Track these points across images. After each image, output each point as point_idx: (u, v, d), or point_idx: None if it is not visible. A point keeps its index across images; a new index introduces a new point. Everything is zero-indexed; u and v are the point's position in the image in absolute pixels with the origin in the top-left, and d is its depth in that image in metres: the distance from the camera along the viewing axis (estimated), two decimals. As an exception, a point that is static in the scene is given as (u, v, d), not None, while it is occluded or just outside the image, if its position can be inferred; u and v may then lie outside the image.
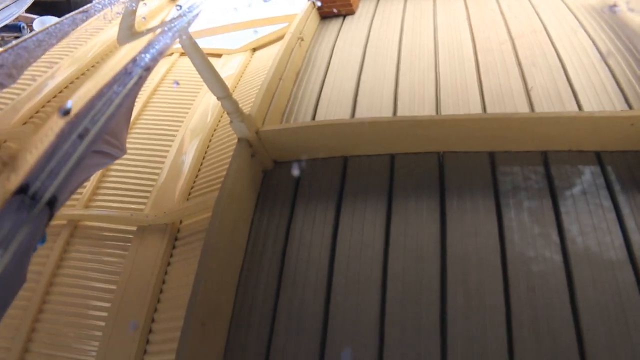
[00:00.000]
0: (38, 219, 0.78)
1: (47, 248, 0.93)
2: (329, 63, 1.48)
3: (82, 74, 1.29)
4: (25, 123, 1.12)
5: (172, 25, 1.41)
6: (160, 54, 1.32)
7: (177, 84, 1.28)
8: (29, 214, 0.79)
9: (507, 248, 0.81)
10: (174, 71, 1.52)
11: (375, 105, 1.22)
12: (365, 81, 1.34)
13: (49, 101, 1.23)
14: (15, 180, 0.96)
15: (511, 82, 1.24)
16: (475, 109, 1.17)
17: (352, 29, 1.75)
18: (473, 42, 1.45)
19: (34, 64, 1.32)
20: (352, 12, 1.92)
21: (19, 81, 1.26)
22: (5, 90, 1.21)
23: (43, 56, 1.35)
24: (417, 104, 1.20)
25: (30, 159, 1.02)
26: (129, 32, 1.50)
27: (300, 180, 0.97)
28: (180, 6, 1.41)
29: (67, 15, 1.52)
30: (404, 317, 0.73)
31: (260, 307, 0.73)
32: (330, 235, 0.84)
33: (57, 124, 1.12)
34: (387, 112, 1.18)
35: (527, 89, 1.20)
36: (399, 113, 1.17)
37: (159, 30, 1.42)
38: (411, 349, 0.70)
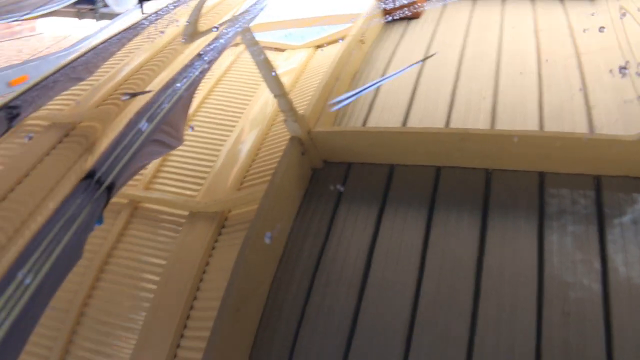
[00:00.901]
0: (98, 201, 0.86)
1: (109, 224, 1.00)
2: (387, 66, 1.49)
3: (152, 64, 1.37)
4: (99, 106, 1.19)
5: (237, 22, 1.47)
6: (223, 49, 1.39)
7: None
8: (92, 196, 0.87)
9: (545, 270, 0.81)
10: (239, 62, 1.58)
11: (428, 114, 1.23)
12: (422, 88, 1.35)
13: (121, 86, 1.30)
14: (91, 160, 1.05)
15: (573, 100, 1.21)
16: (532, 124, 1.15)
17: (416, 34, 1.75)
18: (538, 55, 1.43)
19: (111, 59, 1.40)
20: (417, 17, 1.92)
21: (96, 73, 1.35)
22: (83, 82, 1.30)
23: (119, 51, 1.43)
24: (472, 115, 1.20)
25: (102, 143, 1.10)
26: (194, 27, 1.57)
27: (347, 182, 1.00)
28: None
29: (140, 18, 1.60)
30: (433, 324, 0.75)
31: (292, 299, 0.77)
32: (370, 238, 0.87)
33: (127, 109, 1.20)
34: (440, 122, 1.19)
35: (588, 108, 1.18)
36: (452, 124, 1.18)
37: (224, 27, 1.49)
38: (437, 357, 0.72)
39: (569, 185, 0.97)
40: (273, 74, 1.14)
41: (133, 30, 1.43)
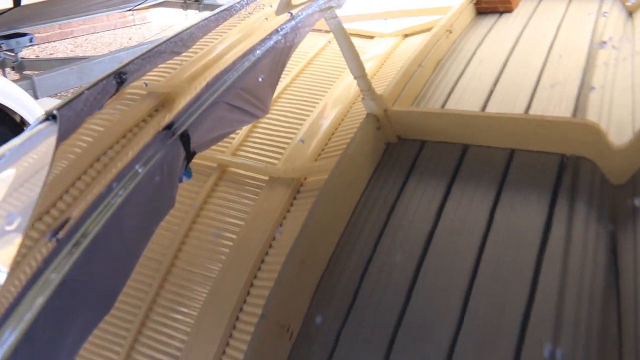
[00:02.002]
0: (173, 147, 0.99)
1: (198, 186, 1.11)
2: (472, 56, 1.50)
3: (240, 42, 1.47)
4: (189, 80, 1.32)
5: (319, 2, 1.55)
6: (303, 27, 1.48)
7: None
8: (167, 143, 1.02)
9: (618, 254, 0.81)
10: (329, 48, 1.65)
11: (509, 101, 1.24)
12: (506, 76, 1.35)
13: (210, 65, 1.41)
14: (168, 118, 1.19)
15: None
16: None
17: (506, 26, 1.74)
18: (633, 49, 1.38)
19: (205, 37, 1.54)
20: (510, 10, 1.90)
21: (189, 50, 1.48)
22: (178, 57, 1.44)
23: (213, 30, 1.57)
24: (553, 104, 1.19)
25: (181, 103, 1.23)
26: (286, 6, 1.67)
27: (419, 157, 1.04)
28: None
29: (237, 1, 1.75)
30: (491, 293, 0.77)
31: (355, 259, 0.82)
32: (436, 209, 0.90)
33: (205, 79, 1.32)
34: (519, 109, 1.19)
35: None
36: (532, 111, 1.17)
37: (306, 5, 1.57)
38: (491, 324, 0.74)
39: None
40: (354, 55, 1.21)
41: (227, 12, 1.54)
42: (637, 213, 0.83)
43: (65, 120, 0.95)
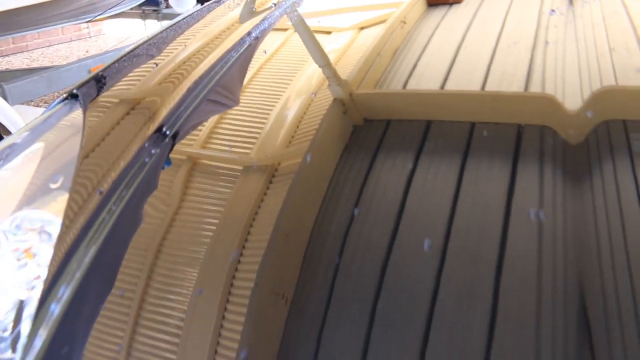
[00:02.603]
0: (165, 146, 1.05)
1: (171, 175, 1.13)
2: (427, 43, 1.57)
3: (207, 46, 1.52)
4: (161, 83, 1.35)
5: (282, 4, 1.62)
6: (269, 27, 1.56)
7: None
8: (160, 145, 1.07)
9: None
10: (288, 44, 1.69)
11: (464, 81, 1.30)
12: (460, 60, 1.42)
13: (180, 67, 1.44)
14: (152, 127, 1.23)
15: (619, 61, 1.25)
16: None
17: (457, 16, 1.82)
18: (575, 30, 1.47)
19: (175, 41, 1.60)
20: (459, 1, 1.99)
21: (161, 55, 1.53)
22: (152, 60, 1.49)
23: (182, 34, 1.63)
24: (506, 81, 1.27)
25: (165, 110, 1.27)
26: (249, 13, 1.72)
27: (385, 135, 1.08)
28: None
29: (204, 5, 1.83)
30: (464, 249, 0.82)
31: (335, 229, 0.86)
32: (405, 180, 0.95)
33: (185, 84, 1.38)
34: (476, 87, 1.25)
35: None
36: (488, 87, 1.24)
37: (272, 9, 1.65)
38: (466, 279, 0.78)
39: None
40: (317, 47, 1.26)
41: (196, 15, 1.58)
42: (600, 163, 0.90)
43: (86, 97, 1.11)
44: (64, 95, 1.10)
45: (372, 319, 0.72)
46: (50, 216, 0.82)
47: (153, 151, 1.04)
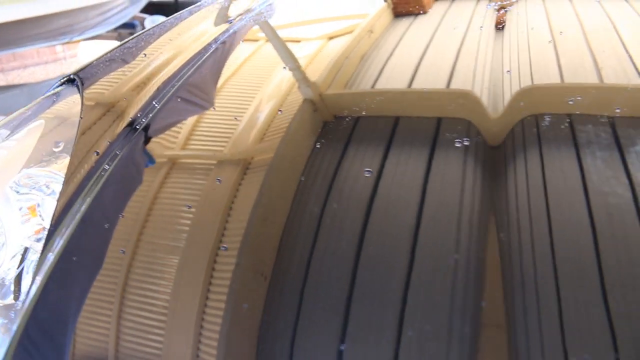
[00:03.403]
0: (137, 138, 1.10)
1: (153, 174, 1.16)
2: (394, 49, 1.63)
3: (178, 54, 1.56)
4: (134, 90, 1.38)
5: (250, 11, 1.69)
6: (236, 33, 1.63)
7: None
8: (132, 137, 1.12)
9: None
10: (259, 52, 1.73)
11: (430, 82, 1.36)
12: (425, 64, 1.48)
13: (153, 74, 1.48)
14: (122, 124, 1.28)
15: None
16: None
17: (422, 25, 1.90)
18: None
19: (147, 48, 1.65)
20: (424, 11, 2.07)
21: (134, 61, 1.58)
22: (126, 65, 1.54)
23: (154, 42, 1.69)
24: (469, 82, 1.33)
25: (133, 110, 1.30)
26: (223, 18, 1.77)
27: (355, 129, 1.13)
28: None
29: (175, 15, 1.89)
30: (436, 235, 0.86)
31: (309, 215, 0.90)
32: (377, 170, 0.99)
33: (154, 86, 1.41)
34: (440, 86, 1.32)
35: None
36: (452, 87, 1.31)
37: (239, 17, 1.72)
38: (438, 261, 0.82)
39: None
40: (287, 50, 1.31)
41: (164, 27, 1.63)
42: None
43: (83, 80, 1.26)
44: (62, 80, 1.29)
45: (351, 292, 0.76)
46: (54, 173, 0.95)
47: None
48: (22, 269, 0.82)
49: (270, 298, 0.78)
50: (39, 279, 0.81)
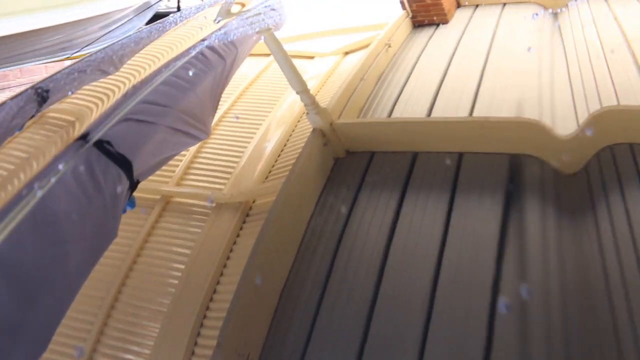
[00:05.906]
0: (89, 154, 0.90)
1: (143, 218, 1.04)
2: (413, 67, 1.50)
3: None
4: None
5: (248, 17, 1.52)
6: (227, 37, 1.44)
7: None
8: (81, 151, 0.92)
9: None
10: (269, 70, 1.62)
11: (452, 107, 1.23)
12: (447, 84, 1.35)
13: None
14: (79, 131, 1.10)
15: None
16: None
17: (443, 37, 1.76)
18: (565, 54, 1.41)
19: (135, 56, 1.47)
20: (446, 22, 1.93)
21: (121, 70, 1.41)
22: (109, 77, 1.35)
23: (143, 50, 1.50)
24: (495, 106, 1.20)
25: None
26: (226, 13, 1.63)
27: (369, 169, 1.01)
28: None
29: (158, 21, 1.69)
30: (452, 304, 0.74)
31: (312, 281, 0.78)
32: (391, 220, 0.88)
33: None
34: (463, 113, 1.18)
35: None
36: (476, 114, 1.17)
37: (234, 21, 1.53)
38: (456, 336, 0.71)
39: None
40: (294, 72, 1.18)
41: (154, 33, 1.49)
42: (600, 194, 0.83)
43: None
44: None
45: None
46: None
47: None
48: None
49: None
50: None
